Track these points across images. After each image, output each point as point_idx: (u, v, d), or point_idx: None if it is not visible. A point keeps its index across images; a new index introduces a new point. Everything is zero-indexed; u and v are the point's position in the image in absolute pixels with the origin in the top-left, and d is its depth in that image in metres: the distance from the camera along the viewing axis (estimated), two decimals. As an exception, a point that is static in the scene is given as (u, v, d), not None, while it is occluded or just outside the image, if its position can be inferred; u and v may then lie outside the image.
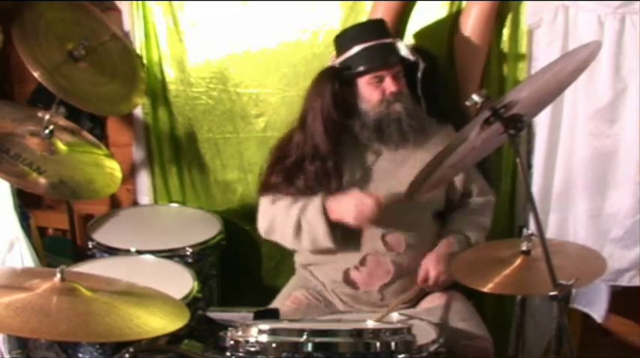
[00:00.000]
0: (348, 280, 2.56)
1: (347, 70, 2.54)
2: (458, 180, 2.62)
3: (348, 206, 2.44)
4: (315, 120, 2.54)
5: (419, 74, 2.55)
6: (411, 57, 2.53)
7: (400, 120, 2.52)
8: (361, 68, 2.51)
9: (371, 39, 2.53)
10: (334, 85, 2.53)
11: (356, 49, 2.53)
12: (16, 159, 2.49)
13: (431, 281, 2.47)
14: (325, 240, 2.49)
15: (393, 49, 2.53)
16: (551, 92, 2.07)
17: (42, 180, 2.50)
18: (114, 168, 2.79)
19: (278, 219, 2.56)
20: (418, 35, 2.83)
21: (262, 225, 2.63)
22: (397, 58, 2.52)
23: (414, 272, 2.50)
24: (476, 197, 2.65)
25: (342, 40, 2.59)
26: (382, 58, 2.52)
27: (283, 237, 2.58)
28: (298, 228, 2.51)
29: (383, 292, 2.54)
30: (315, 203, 2.48)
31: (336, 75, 2.55)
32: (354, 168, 2.56)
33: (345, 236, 2.51)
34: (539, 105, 2.10)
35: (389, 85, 2.51)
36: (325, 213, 2.46)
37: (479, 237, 2.58)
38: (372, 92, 2.53)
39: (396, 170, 2.55)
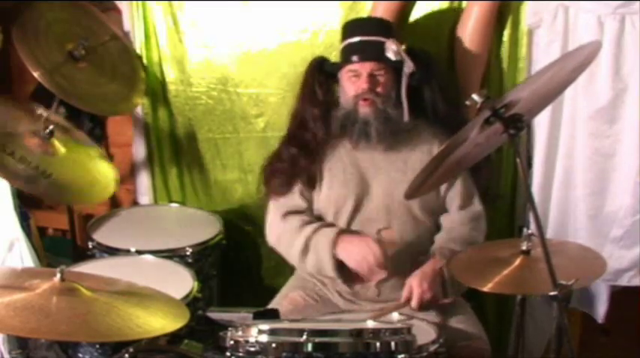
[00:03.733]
0: (344, 276, 2.56)
1: (334, 61, 2.58)
2: (443, 188, 2.56)
3: (356, 250, 2.45)
4: (302, 109, 2.59)
5: (404, 77, 2.50)
6: (393, 58, 2.49)
7: (367, 123, 2.49)
8: (341, 61, 2.55)
9: (362, 34, 2.53)
10: (318, 75, 2.58)
11: (347, 41, 2.55)
12: (16, 159, 2.49)
13: (414, 300, 2.42)
14: (332, 274, 2.51)
15: (377, 48, 2.51)
16: (551, 92, 2.07)
17: (42, 181, 2.50)
18: (110, 171, 2.78)
19: (286, 237, 2.57)
20: (418, 36, 2.82)
21: (270, 236, 2.65)
22: (375, 56, 2.49)
23: (411, 269, 2.50)
24: (461, 210, 2.58)
25: (343, 31, 2.61)
26: (360, 53, 2.51)
27: (289, 255, 2.59)
28: (305, 252, 2.52)
29: (380, 288, 2.54)
30: (326, 236, 2.48)
31: (321, 65, 2.60)
32: (345, 165, 2.56)
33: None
34: (539, 105, 2.10)
35: (362, 81, 2.49)
36: (334, 248, 2.47)
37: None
38: (350, 87, 2.53)
39: (392, 170, 2.54)
